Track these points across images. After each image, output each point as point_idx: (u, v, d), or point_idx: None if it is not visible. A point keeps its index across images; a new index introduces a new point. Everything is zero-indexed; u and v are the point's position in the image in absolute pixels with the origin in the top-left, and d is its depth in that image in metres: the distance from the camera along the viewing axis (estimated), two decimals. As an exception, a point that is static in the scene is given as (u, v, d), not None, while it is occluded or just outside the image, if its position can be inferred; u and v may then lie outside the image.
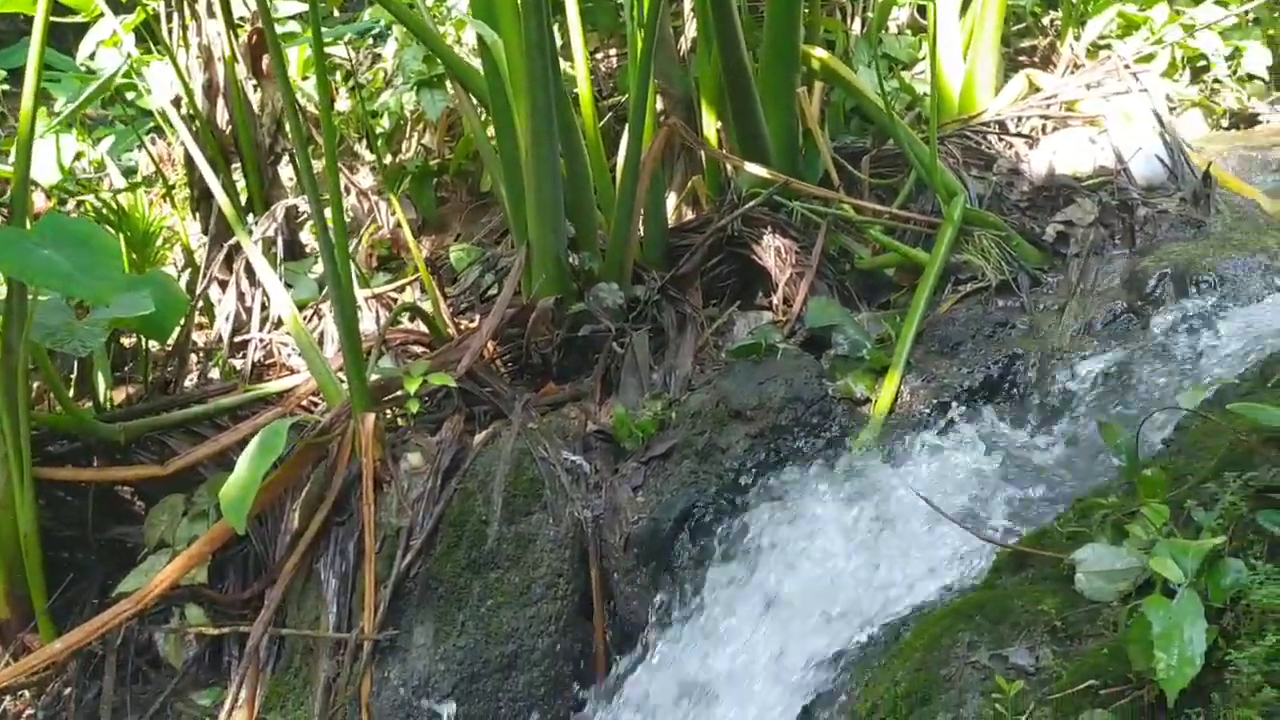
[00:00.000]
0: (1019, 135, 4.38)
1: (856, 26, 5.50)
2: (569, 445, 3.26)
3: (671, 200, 4.79)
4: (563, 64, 5.23)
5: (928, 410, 3.13)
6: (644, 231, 4.12)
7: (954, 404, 3.14)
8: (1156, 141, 4.25)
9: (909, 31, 5.64)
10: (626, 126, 3.72)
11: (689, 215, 4.71)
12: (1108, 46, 5.66)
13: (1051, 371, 3.11)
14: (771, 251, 3.89)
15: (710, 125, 4.41)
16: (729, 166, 4.27)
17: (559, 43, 5.00)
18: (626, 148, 3.65)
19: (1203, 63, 5.80)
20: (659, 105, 4.88)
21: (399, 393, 3.26)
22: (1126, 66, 4.78)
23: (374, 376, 3.31)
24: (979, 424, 2.99)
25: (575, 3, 4.07)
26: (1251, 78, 5.82)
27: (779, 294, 3.83)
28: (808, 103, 4.37)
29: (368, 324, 3.96)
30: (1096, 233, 3.83)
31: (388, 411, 3.36)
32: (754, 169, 3.91)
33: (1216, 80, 5.80)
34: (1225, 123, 5.79)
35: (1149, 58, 5.44)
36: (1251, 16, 5.75)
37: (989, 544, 2.14)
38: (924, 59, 5.40)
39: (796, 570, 2.55)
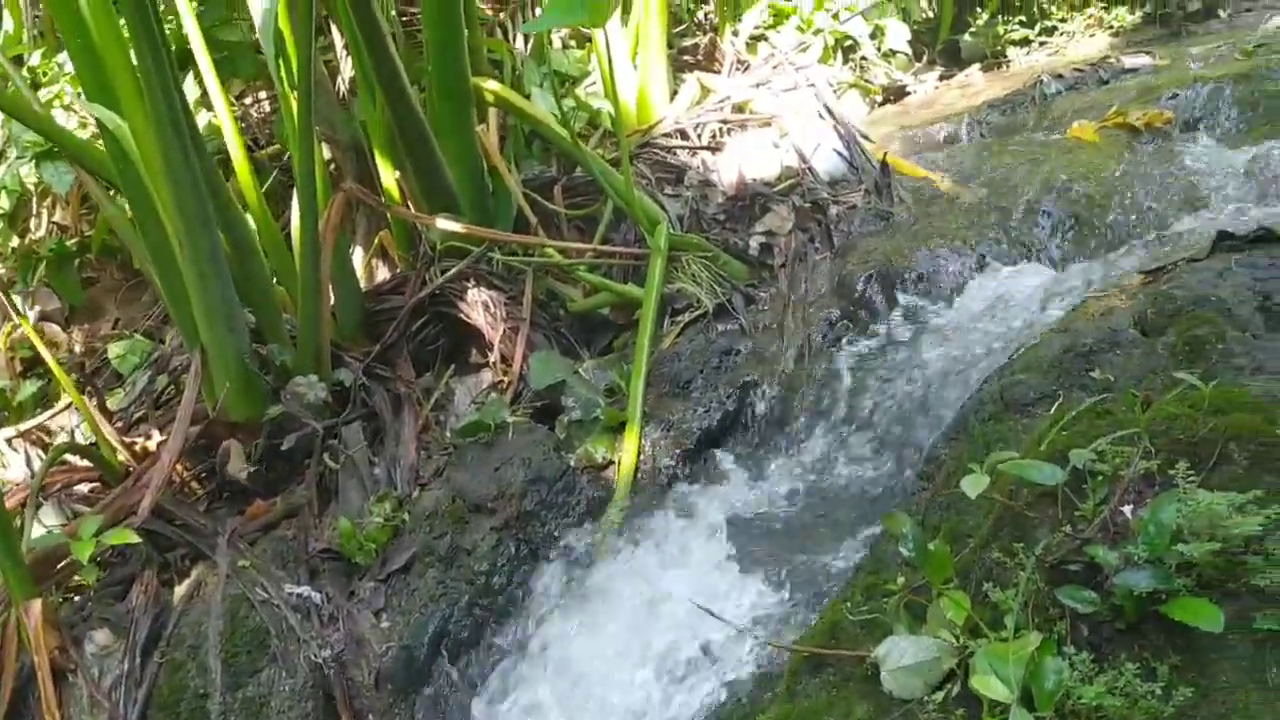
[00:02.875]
0: (703, 147, 4.32)
1: (521, 43, 5.28)
2: (291, 575, 2.85)
3: (359, 256, 4.39)
4: (206, 114, 4.68)
5: (672, 462, 2.99)
6: (336, 302, 3.72)
7: (696, 450, 3.01)
8: (832, 135, 4.34)
9: (574, 43, 5.49)
10: (295, 195, 3.31)
11: (382, 272, 4.33)
12: (764, 38, 5.78)
13: (783, 402, 3.05)
14: (479, 307, 3.61)
15: (387, 173, 4.05)
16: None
17: (198, 92, 4.46)
18: (300, 221, 3.24)
19: (850, 42, 6.05)
20: (326, 154, 4.46)
21: (69, 560, 2.71)
22: (790, 63, 4.88)
23: (33, 546, 2.74)
24: (723, 475, 2.86)
25: (207, 55, 3.56)
26: (895, 53, 6.15)
27: (495, 352, 3.56)
28: (487, 136, 4.10)
29: (16, 470, 3.31)
30: (797, 239, 3.83)
31: (59, 585, 2.80)
32: (445, 224, 3.60)
33: (864, 59, 6.07)
34: (879, 99, 6.08)
35: (805, 47, 5.59)
36: (886, -3, 6.07)
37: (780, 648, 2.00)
38: (595, 71, 5.26)
39: (565, 690, 2.31)
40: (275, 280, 3.82)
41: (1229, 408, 1.68)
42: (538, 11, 5.33)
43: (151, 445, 3.45)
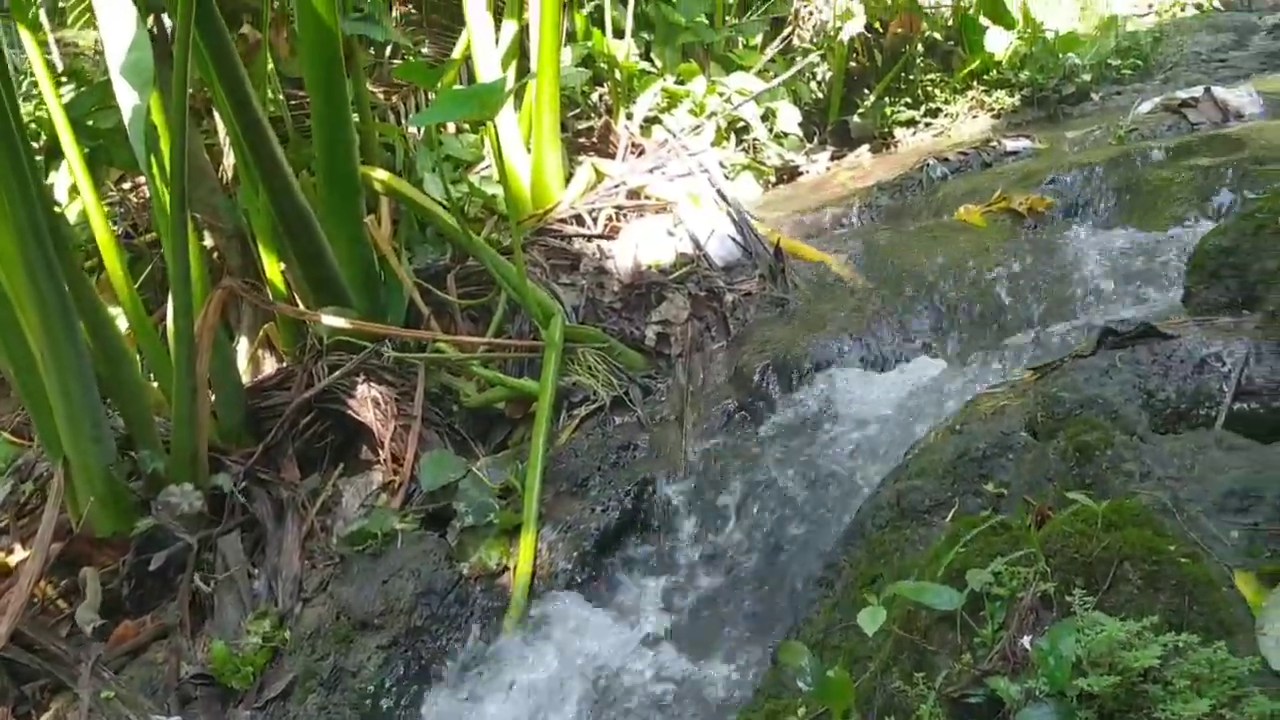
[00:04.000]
0: (599, 235, 4.29)
1: (413, 127, 5.22)
2: (160, 704, 2.67)
3: (244, 347, 4.23)
4: (77, 201, 4.49)
5: (570, 566, 2.89)
6: (216, 400, 3.56)
7: (595, 552, 2.92)
8: (726, 221, 4.34)
9: (468, 128, 5.45)
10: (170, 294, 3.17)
11: (269, 364, 4.17)
12: (658, 121, 5.83)
13: (681, 501, 2.99)
14: (369, 404, 3.49)
15: (272, 264, 3.92)
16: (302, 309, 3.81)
17: (71, 180, 4.28)
18: (174, 321, 3.10)
19: (743, 124, 6.13)
20: (209, 242, 4.32)
21: (-91, 702, 2.49)
22: (684, 147, 4.90)
23: None
24: (620, 581, 2.78)
25: (75, 146, 3.41)
26: (786, 134, 6.25)
27: (386, 450, 3.43)
28: (377, 227, 4.01)
29: None
30: (693, 328, 3.81)
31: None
32: (331, 320, 3.49)
33: (757, 140, 6.15)
34: (773, 179, 6.16)
35: (699, 130, 5.65)
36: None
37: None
38: (489, 155, 5.22)
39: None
40: (151, 378, 3.66)
41: (1121, 522, 1.67)
42: (432, 96, 5.30)
43: (13, 561, 3.22)
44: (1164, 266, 3.36)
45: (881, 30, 6.72)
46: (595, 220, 4.59)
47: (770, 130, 6.19)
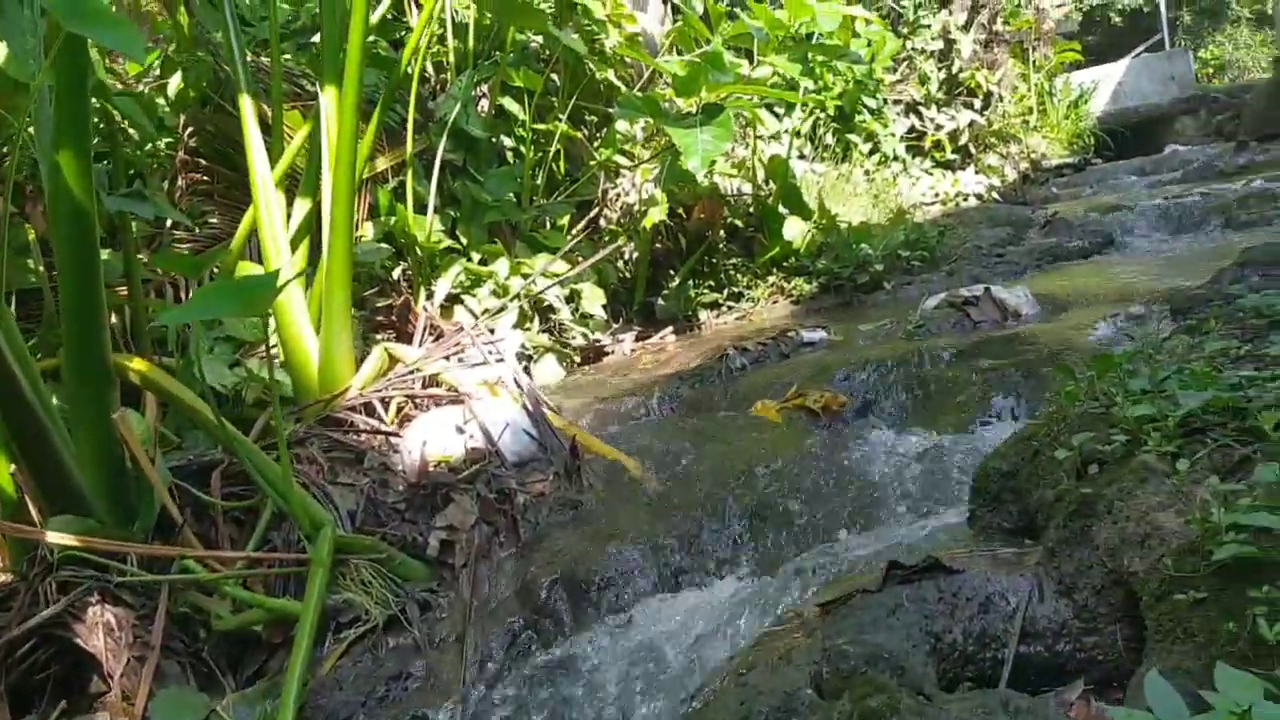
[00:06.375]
0: (384, 431, 4.04)
1: (192, 303, 4.89)
2: None
3: (-35, 553, 3.70)
4: None
5: (320, 833, 2.53)
6: (-87, 627, 3.05)
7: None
8: (522, 414, 4.18)
9: (254, 304, 5.14)
10: None
11: (-6, 573, 3.65)
12: (460, 301, 5.69)
13: (457, 744, 2.69)
14: (100, 630, 3.05)
15: (1, 467, 3.47)
16: (35, 516, 3.36)
17: None
18: None
19: (547, 303, 6.06)
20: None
21: None
22: (484, 332, 4.76)
23: None
24: None
25: None
26: (591, 316, 6.21)
27: (116, 685, 2.99)
28: (131, 426, 3.62)
29: None
30: (480, 534, 3.56)
31: None
32: (56, 538, 3.07)
33: (562, 322, 6.08)
34: (578, 359, 6.07)
35: (502, 311, 5.53)
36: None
37: None
38: (274, 333, 4.92)
39: None
40: None
41: (905, 821, 1.52)
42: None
43: None
44: (950, 476, 3.37)
45: (685, 215, 6.87)
46: (386, 408, 4.35)
47: (575, 311, 6.14)
